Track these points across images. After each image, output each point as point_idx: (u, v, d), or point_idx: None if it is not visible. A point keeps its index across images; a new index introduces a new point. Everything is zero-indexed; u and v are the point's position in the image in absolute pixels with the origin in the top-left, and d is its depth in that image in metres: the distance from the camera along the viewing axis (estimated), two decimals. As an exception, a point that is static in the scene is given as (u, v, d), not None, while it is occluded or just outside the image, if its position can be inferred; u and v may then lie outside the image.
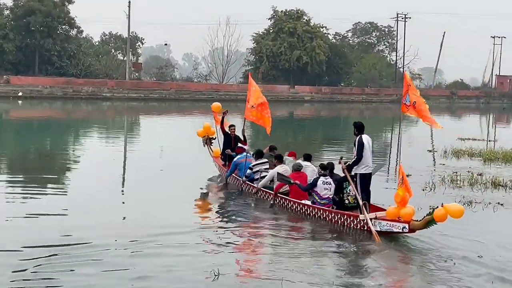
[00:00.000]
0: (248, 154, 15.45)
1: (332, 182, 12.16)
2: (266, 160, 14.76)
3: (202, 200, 14.43)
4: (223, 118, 17.39)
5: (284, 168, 13.65)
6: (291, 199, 12.71)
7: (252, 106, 15.85)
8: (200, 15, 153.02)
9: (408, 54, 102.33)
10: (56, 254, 9.11)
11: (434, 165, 20.64)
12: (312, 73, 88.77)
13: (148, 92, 68.12)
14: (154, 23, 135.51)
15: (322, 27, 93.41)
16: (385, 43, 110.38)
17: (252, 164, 14.74)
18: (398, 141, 26.66)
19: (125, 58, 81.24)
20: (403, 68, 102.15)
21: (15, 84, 60.29)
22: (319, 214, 11.92)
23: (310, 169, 13.60)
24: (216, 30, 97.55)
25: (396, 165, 20.55)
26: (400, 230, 10.64)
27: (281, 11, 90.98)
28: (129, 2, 74.85)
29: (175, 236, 10.32)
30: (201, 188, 15.53)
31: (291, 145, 15.64)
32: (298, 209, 12.46)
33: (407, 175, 11.31)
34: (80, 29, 77.80)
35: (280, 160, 14.14)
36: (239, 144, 16.37)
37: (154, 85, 73.17)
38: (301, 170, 13.13)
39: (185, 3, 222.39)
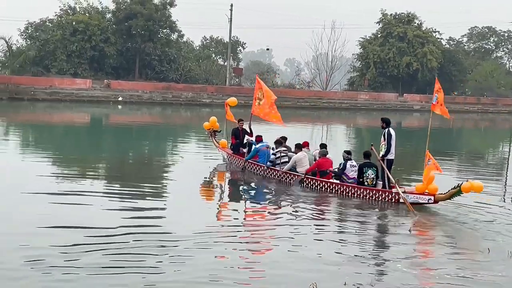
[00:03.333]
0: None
1: (356, 165, 15.62)
2: (285, 148, 18.08)
3: (255, 196, 16.22)
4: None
5: (304, 154, 17.09)
6: (331, 180, 15.79)
7: (259, 103, 19.62)
8: (304, 19, 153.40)
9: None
10: (146, 240, 10.44)
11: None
12: (423, 81, 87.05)
13: (248, 98, 68.59)
14: (256, 27, 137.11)
15: (435, 32, 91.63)
16: (504, 49, 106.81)
17: (276, 151, 17.89)
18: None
19: (225, 63, 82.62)
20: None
21: (115, 88, 62.54)
22: (358, 193, 15.14)
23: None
24: (321, 34, 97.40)
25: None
26: (426, 202, 13.96)
27: (390, 14, 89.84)
28: (231, 5, 76.18)
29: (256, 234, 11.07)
30: (251, 187, 17.28)
31: (397, 157, 15.86)
32: (336, 188, 15.55)
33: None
34: (181, 33, 79.48)
35: (300, 148, 17.40)
36: (246, 136, 20.36)
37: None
38: (326, 156, 16.61)
39: (289, 7, 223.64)
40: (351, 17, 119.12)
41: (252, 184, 17.50)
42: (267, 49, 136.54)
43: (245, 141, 20.39)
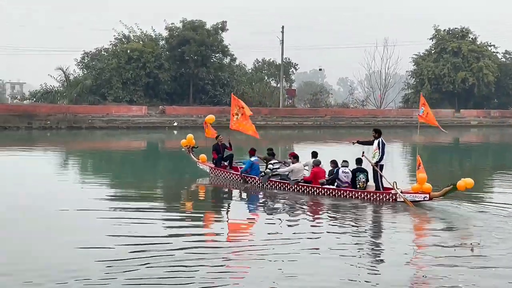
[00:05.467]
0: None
1: (350, 171, 17.56)
2: (277, 160, 20.07)
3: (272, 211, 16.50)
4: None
5: (301, 165, 18.98)
6: (332, 187, 17.52)
7: (237, 118, 21.58)
8: (355, 37, 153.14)
9: None
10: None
11: None
12: (479, 96, 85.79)
13: (302, 119, 69.06)
14: (308, 48, 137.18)
15: (490, 46, 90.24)
16: None
17: (272, 162, 19.68)
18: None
19: (278, 85, 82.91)
20: None
21: (170, 114, 63.46)
22: (357, 195, 17.11)
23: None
24: (373, 52, 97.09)
25: None
26: (422, 199, 16.13)
27: (444, 30, 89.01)
28: (282, 27, 76.57)
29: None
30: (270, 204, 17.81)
31: (455, 173, 15.89)
32: (339, 194, 17.31)
33: None
34: (233, 56, 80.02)
35: (297, 159, 19.12)
36: (226, 150, 22.17)
37: (308, 112, 74.08)
38: (319, 165, 18.51)
39: (339, 26, 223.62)
40: (403, 34, 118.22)
41: (271, 197, 18.29)
42: (320, 70, 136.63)
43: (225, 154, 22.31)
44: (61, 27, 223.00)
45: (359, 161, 17.66)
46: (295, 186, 18.44)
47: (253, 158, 20.47)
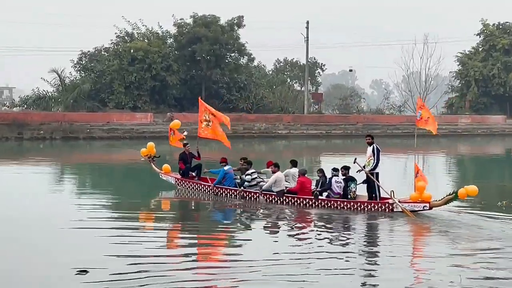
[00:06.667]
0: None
1: (342, 181, 18.58)
2: (254, 170, 20.99)
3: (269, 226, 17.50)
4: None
5: (282, 175, 19.85)
6: (328, 198, 18.61)
7: (207, 124, 22.91)
8: (390, 34, 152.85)
9: None
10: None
11: None
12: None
13: (330, 127, 68.83)
14: (337, 46, 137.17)
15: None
16: None
17: (250, 172, 20.76)
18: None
19: (303, 89, 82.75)
20: None
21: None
22: (349, 206, 18.24)
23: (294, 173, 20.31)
24: (412, 51, 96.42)
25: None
26: (421, 209, 17.32)
27: (493, 24, 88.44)
28: (307, 23, 76.48)
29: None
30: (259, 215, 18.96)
31: (508, 189, 15.88)
32: (329, 204, 18.42)
33: None
34: (251, 56, 79.33)
35: (278, 167, 20.05)
36: (194, 160, 23.27)
37: (337, 119, 73.81)
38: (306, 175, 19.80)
39: (372, 22, 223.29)
40: (445, 29, 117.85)
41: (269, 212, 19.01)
42: (350, 71, 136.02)
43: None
44: (56, 24, 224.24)
45: (347, 168, 18.86)
46: (282, 197, 19.34)
47: (226, 167, 21.37)
